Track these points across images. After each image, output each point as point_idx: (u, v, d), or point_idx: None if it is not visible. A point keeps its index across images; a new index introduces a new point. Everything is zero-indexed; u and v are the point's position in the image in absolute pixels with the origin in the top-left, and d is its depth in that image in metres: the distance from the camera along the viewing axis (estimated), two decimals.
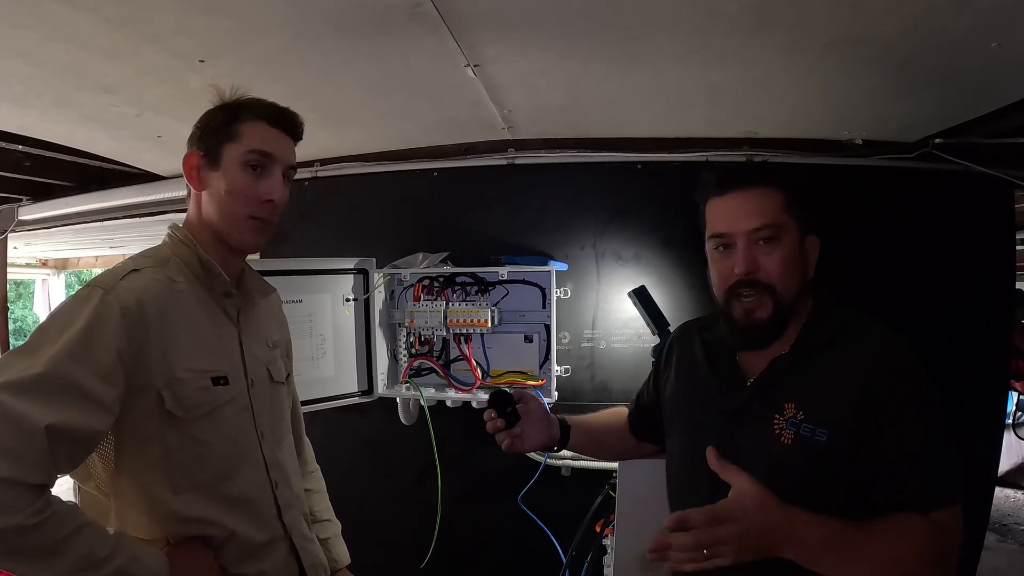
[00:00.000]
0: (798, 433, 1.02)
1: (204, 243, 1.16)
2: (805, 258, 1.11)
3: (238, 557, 1.12)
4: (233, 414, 1.14)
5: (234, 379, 1.15)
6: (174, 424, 1.06)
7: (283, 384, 1.32)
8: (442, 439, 2.23)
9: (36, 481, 0.89)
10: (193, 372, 1.08)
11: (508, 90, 1.80)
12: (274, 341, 1.32)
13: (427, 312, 2.20)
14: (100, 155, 2.51)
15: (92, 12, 1.29)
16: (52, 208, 3.25)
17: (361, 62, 1.58)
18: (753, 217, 1.06)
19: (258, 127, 1.14)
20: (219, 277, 1.15)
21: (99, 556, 0.93)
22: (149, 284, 1.07)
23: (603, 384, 2.29)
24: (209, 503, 1.09)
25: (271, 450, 1.21)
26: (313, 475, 1.50)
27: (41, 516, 0.88)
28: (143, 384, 1.02)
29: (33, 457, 0.88)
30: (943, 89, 1.67)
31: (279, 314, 1.41)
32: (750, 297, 1.07)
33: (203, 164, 1.15)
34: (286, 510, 1.22)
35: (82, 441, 0.95)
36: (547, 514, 2.18)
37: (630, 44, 1.49)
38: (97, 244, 5.48)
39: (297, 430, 1.46)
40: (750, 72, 1.63)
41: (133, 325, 1.01)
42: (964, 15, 1.26)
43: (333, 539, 1.45)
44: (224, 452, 1.12)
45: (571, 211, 2.31)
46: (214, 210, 1.15)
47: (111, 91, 1.75)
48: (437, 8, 1.28)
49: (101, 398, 0.96)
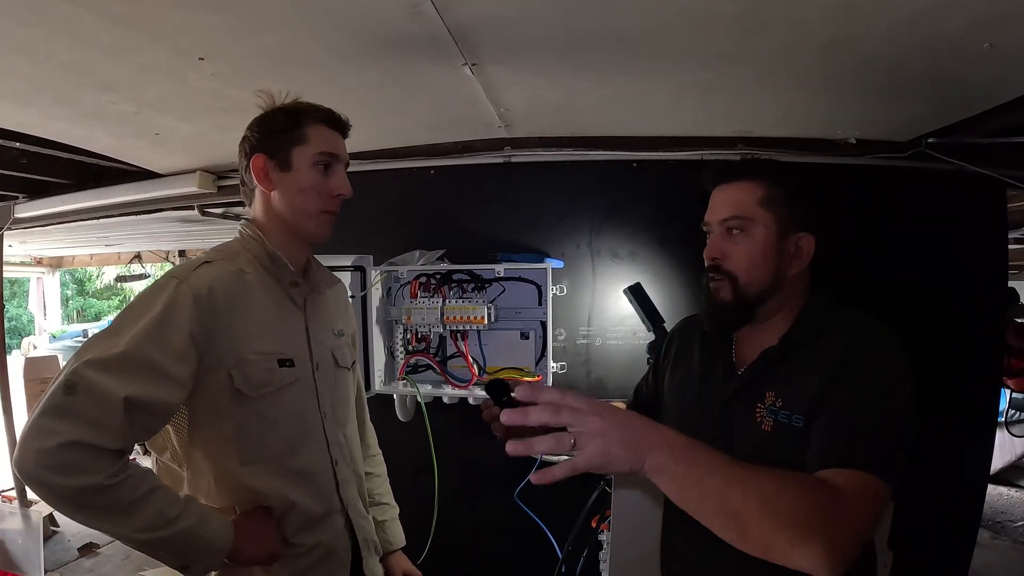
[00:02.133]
0: (776, 420, 1.05)
1: (272, 237, 1.25)
2: (785, 253, 1.12)
3: (298, 527, 1.21)
4: (298, 394, 1.23)
5: (299, 361, 1.24)
6: (243, 401, 1.15)
7: (348, 369, 1.40)
8: (439, 435, 2.24)
9: (115, 447, 1.00)
10: (260, 354, 1.17)
11: (505, 89, 1.81)
12: (339, 329, 1.41)
13: (424, 309, 2.21)
14: (98, 152, 2.51)
15: (96, 9, 1.30)
16: (49, 206, 3.25)
17: (360, 61, 1.59)
18: (726, 208, 1.14)
19: (321, 130, 1.24)
20: (285, 268, 1.25)
21: (169, 516, 1.03)
22: (220, 274, 1.16)
23: (599, 380, 2.31)
24: (274, 475, 1.19)
25: (332, 429, 1.30)
26: (375, 459, 1.60)
27: (118, 478, 0.99)
28: (214, 364, 1.12)
29: (112, 425, 0.99)
30: (936, 89, 1.69)
31: (346, 305, 1.50)
32: (715, 281, 1.15)
33: (272, 166, 1.23)
34: (344, 486, 1.30)
35: (157, 412, 1.06)
36: (543, 509, 2.18)
37: (625, 46, 1.51)
38: (92, 242, 5.49)
39: (361, 415, 1.55)
40: (744, 72, 1.65)
41: (204, 310, 1.10)
42: (956, 17, 1.28)
43: (390, 522, 1.58)
44: (289, 428, 1.21)
45: (567, 209, 2.32)
46: (286, 207, 1.24)
47: (111, 88, 1.76)
48: (436, 9, 1.29)
49: (175, 374, 1.07)
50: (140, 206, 3.15)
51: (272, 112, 1.26)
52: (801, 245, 1.13)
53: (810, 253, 1.13)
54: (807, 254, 1.13)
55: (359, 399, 1.53)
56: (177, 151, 2.45)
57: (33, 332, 9.68)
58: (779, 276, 1.13)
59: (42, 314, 9.08)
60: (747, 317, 1.15)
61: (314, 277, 1.34)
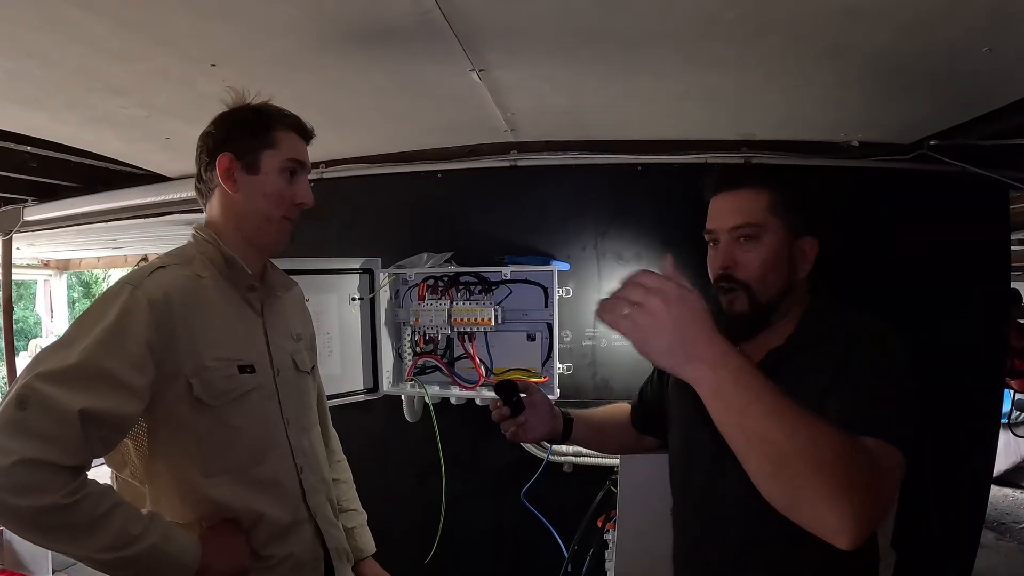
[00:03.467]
0: None
1: (228, 240, 1.22)
2: (793, 258, 1.14)
3: (267, 539, 1.17)
4: (260, 400, 1.20)
5: (260, 367, 1.21)
6: (204, 410, 1.12)
7: (308, 374, 1.38)
8: (446, 436, 2.26)
9: (71, 463, 0.95)
10: (220, 360, 1.14)
11: (511, 94, 1.83)
12: (298, 334, 1.38)
13: (432, 311, 2.23)
14: (107, 156, 2.54)
15: (107, 16, 1.32)
16: (57, 209, 3.28)
17: (369, 66, 1.61)
18: (735, 216, 1.13)
19: (291, 136, 1.24)
20: (242, 271, 1.21)
21: (132, 534, 0.99)
22: (175, 279, 1.13)
23: (604, 381, 2.32)
24: (239, 486, 1.15)
25: (297, 436, 1.27)
26: (339, 464, 1.56)
27: (76, 496, 0.94)
28: (173, 372, 1.09)
29: (67, 440, 0.94)
30: (937, 92, 1.70)
31: (302, 309, 1.48)
32: (729, 292, 1.14)
33: (239, 167, 1.20)
34: (311, 494, 1.27)
35: (114, 425, 1.01)
36: (549, 510, 2.21)
37: (630, 51, 1.53)
38: (99, 245, 5.51)
39: (323, 420, 1.52)
40: (747, 76, 1.67)
41: (160, 317, 1.07)
42: (956, 23, 1.29)
43: (359, 528, 1.51)
44: (253, 437, 1.19)
45: (573, 212, 2.34)
46: (249, 210, 1.21)
47: (122, 93, 1.78)
48: (444, 15, 1.31)
49: (131, 385, 1.02)
50: (149, 209, 3.17)
51: (240, 111, 1.23)
52: (806, 249, 1.15)
53: (814, 256, 1.16)
54: (812, 257, 1.15)
55: (321, 404, 1.50)
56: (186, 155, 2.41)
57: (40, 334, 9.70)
58: (791, 281, 1.14)
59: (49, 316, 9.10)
60: (764, 325, 1.15)
61: (271, 281, 1.32)
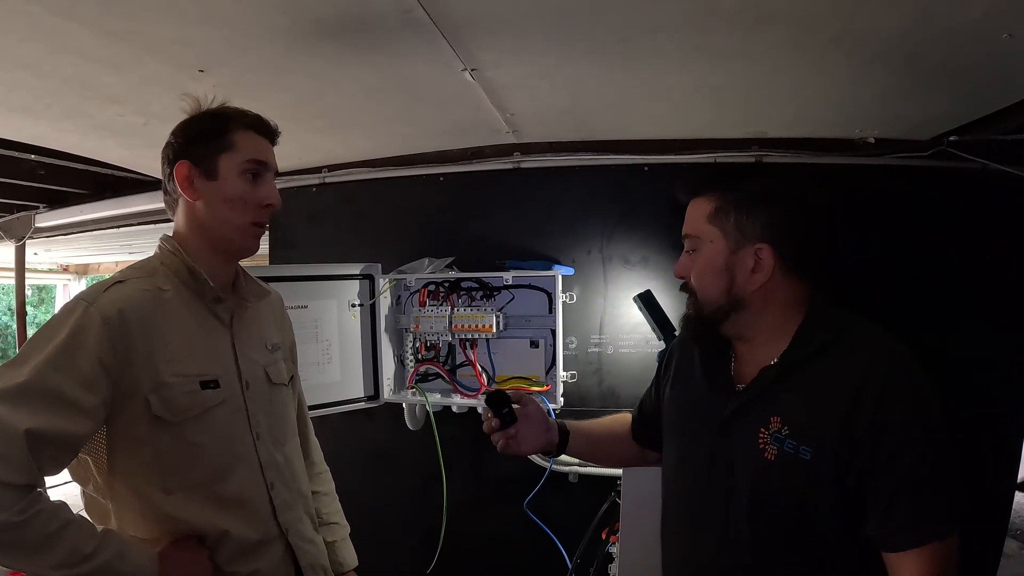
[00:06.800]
0: (781, 449, 1.00)
1: (194, 251, 1.19)
2: (736, 267, 1.07)
3: (231, 556, 1.15)
4: (225, 416, 1.17)
5: (225, 382, 1.18)
6: (164, 427, 1.09)
7: (284, 386, 1.33)
8: (448, 444, 2.22)
9: (20, 481, 0.94)
10: (180, 377, 1.11)
11: (509, 93, 1.79)
12: (274, 344, 1.34)
13: (432, 317, 2.19)
14: (111, 163, 2.55)
15: (92, 25, 1.31)
16: (67, 215, 3.33)
17: (359, 68, 1.57)
18: (685, 225, 1.16)
19: (250, 136, 1.19)
20: (205, 283, 1.18)
21: (84, 552, 0.98)
22: (133, 294, 1.10)
23: (610, 390, 2.26)
24: (201, 503, 1.13)
25: (267, 451, 1.23)
26: (321, 476, 1.52)
27: (26, 514, 0.94)
28: (131, 390, 1.06)
29: (15, 459, 0.94)
30: (954, 84, 1.62)
31: (280, 316, 1.43)
32: (688, 297, 1.18)
33: (197, 174, 1.16)
34: (282, 511, 1.23)
35: (63, 444, 1.00)
36: (553, 520, 2.16)
37: (626, 44, 1.47)
38: (115, 250, 5.57)
39: (304, 431, 1.48)
40: (753, 70, 1.60)
41: (115, 334, 1.04)
42: (972, 5, 1.21)
43: (340, 542, 1.47)
44: (216, 453, 1.15)
45: (577, 215, 2.29)
46: (211, 218, 1.17)
47: (117, 101, 1.77)
48: (428, 13, 1.27)
49: (82, 404, 1.01)
50: (157, 215, 3.19)
51: (197, 117, 1.19)
52: (761, 257, 1.06)
53: (771, 264, 1.06)
54: (768, 265, 1.06)
55: (301, 415, 1.47)
56: None
57: None
58: (735, 292, 1.08)
59: None
60: (712, 332, 1.14)
61: (243, 291, 1.27)
